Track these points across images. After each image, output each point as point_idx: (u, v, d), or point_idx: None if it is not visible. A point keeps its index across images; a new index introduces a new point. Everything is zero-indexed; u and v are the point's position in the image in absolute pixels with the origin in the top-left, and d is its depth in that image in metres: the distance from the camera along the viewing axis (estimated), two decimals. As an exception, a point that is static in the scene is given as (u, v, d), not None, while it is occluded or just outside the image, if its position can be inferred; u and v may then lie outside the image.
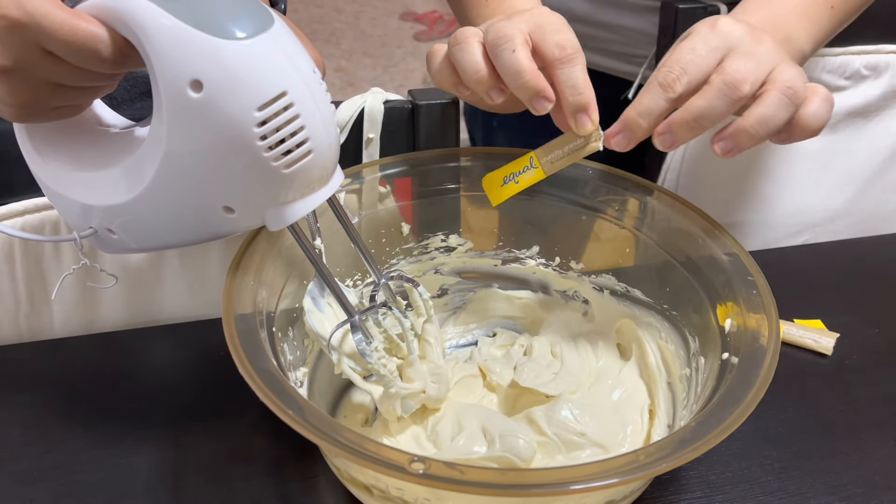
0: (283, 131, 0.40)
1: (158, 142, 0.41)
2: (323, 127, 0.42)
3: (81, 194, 0.47)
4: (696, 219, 0.56)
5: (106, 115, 0.51)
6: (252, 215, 0.44)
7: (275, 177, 0.42)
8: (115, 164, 0.46)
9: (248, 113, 0.39)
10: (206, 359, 0.61)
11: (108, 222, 0.47)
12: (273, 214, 0.44)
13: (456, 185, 0.61)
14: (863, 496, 0.53)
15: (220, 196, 0.43)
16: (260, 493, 0.52)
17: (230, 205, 0.43)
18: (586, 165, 0.61)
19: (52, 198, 0.49)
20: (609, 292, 0.62)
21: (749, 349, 0.46)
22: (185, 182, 0.43)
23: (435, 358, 0.55)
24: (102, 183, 0.46)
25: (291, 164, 0.42)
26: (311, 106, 0.41)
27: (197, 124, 0.40)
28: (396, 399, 0.53)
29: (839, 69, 0.95)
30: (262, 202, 0.44)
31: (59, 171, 0.48)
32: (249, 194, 0.43)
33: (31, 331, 0.68)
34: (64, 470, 0.53)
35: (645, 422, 0.55)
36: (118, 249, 0.50)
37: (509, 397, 0.58)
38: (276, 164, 0.41)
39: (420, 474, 0.37)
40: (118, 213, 0.46)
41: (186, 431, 0.56)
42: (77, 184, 0.47)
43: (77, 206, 0.48)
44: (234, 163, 0.41)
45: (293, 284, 0.53)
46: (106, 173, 0.46)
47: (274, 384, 0.41)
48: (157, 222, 0.46)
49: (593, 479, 0.38)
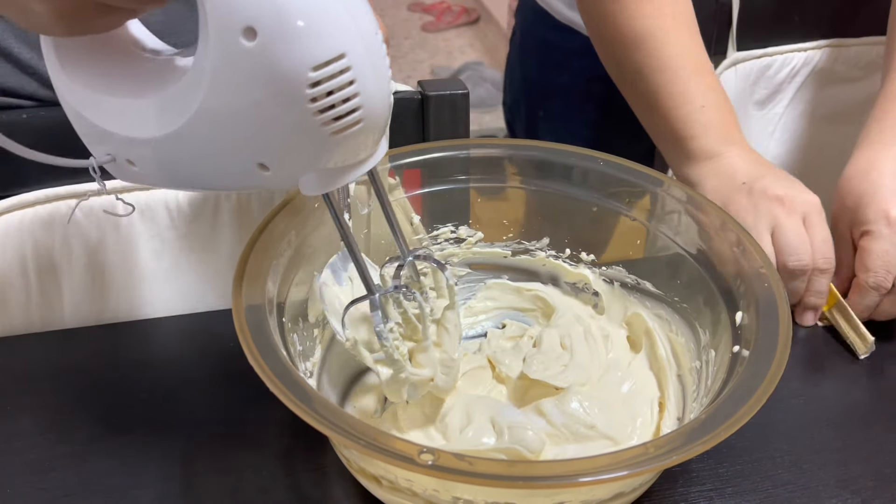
0: (336, 95, 0.37)
1: (199, 85, 0.38)
2: (378, 95, 0.39)
3: (105, 119, 0.44)
4: (706, 211, 0.56)
5: (144, 38, 0.47)
6: (287, 176, 0.41)
7: (320, 141, 0.39)
8: (147, 95, 0.42)
9: (302, 72, 0.36)
10: (217, 349, 0.61)
11: (129, 153, 0.44)
12: (310, 179, 0.42)
13: (466, 177, 0.61)
14: (873, 490, 0.53)
15: (257, 152, 0.40)
16: (269, 484, 0.52)
17: (266, 163, 0.40)
18: (597, 157, 0.60)
19: (72, 116, 0.45)
20: (619, 284, 0.62)
21: (760, 342, 0.46)
22: (221, 133, 0.40)
23: (449, 347, 0.54)
24: (131, 112, 0.43)
25: (339, 130, 0.38)
26: (368, 72, 0.38)
27: (244, 75, 0.37)
28: (404, 384, 0.52)
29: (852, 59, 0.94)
30: (301, 165, 0.41)
31: (84, 91, 0.44)
32: (289, 155, 0.40)
33: (43, 321, 0.68)
34: (75, 459, 0.53)
35: (654, 414, 0.55)
36: (135, 181, 0.46)
37: (518, 389, 0.58)
38: (324, 129, 0.38)
39: (429, 465, 0.37)
40: (142, 147, 0.43)
41: (197, 422, 0.56)
42: (102, 107, 0.44)
43: (98, 131, 0.44)
44: (279, 121, 0.38)
45: (303, 275, 0.53)
46: (136, 102, 0.43)
47: (284, 375, 0.42)
48: (183, 166, 0.43)
49: (602, 472, 0.38)
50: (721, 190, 0.68)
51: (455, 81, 0.74)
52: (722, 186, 0.68)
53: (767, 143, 0.94)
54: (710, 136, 0.70)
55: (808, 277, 0.64)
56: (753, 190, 0.66)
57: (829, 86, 0.94)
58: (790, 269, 0.63)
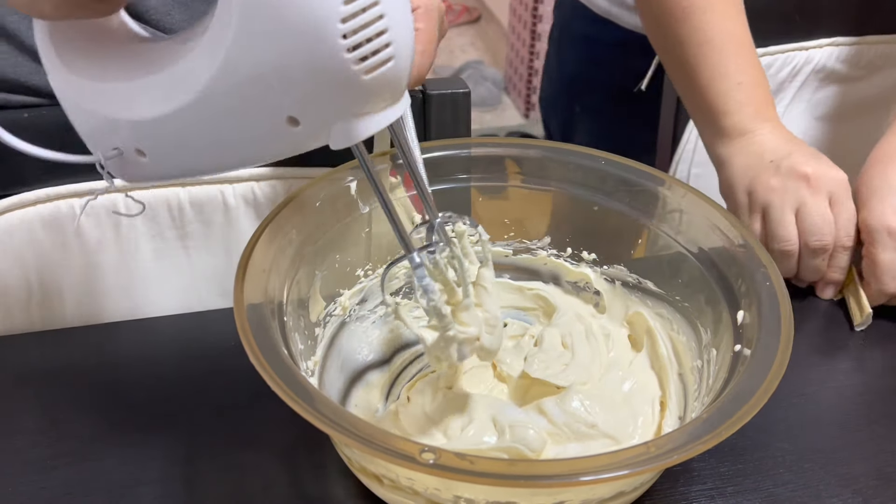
0: (367, 30, 0.36)
1: (221, 40, 0.37)
2: (406, 31, 0.38)
3: (110, 107, 0.42)
4: (708, 209, 0.56)
5: (138, 30, 0.47)
6: (318, 129, 0.40)
7: (352, 83, 0.38)
8: (155, 72, 0.41)
9: (334, 7, 0.36)
10: (218, 348, 0.61)
11: (138, 141, 0.43)
12: (341, 129, 0.40)
13: (467, 176, 0.61)
14: (875, 489, 0.53)
15: (287, 104, 0.39)
16: (270, 482, 0.52)
17: (297, 115, 0.39)
18: (598, 156, 0.60)
19: (73, 112, 0.44)
20: (620, 283, 0.62)
21: (762, 342, 0.46)
22: (248, 88, 0.38)
23: (491, 306, 0.52)
24: (138, 93, 0.42)
25: (372, 69, 0.38)
26: (395, 5, 0.37)
27: (273, 17, 0.36)
28: (453, 343, 0.49)
29: (853, 59, 0.94)
30: (332, 113, 0.40)
31: (84, 81, 0.43)
32: (321, 103, 0.39)
33: (43, 320, 0.69)
34: (76, 458, 0.54)
35: (656, 413, 0.55)
36: (143, 176, 0.45)
37: (519, 388, 0.58)
38: (357, 69, 0.37)
39: (430, 464, 0.37)
40: (154, 129, 0.42)
41: (198, 420, 0.56)
42: (106, 95, 0.43)
43: (102, 122, 0.43)
44: (311, 64, 0.37)
45: (304, 273, 0.53)
46: (143, 82, 0.42)
47: (285, 373, 0.42)
48: (202, 139, 0.42)
49: (604, 471, 0.38)
50: (749, 168, 0.69)
51: (456, 80, 0.74)
52: (750, 164, 0.69)
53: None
54: (744, 112, 0.71)
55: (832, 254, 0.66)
56: (781, 168, 0.66)
57: (830, 85, 0.94)
58: (812, 248, 0.65)
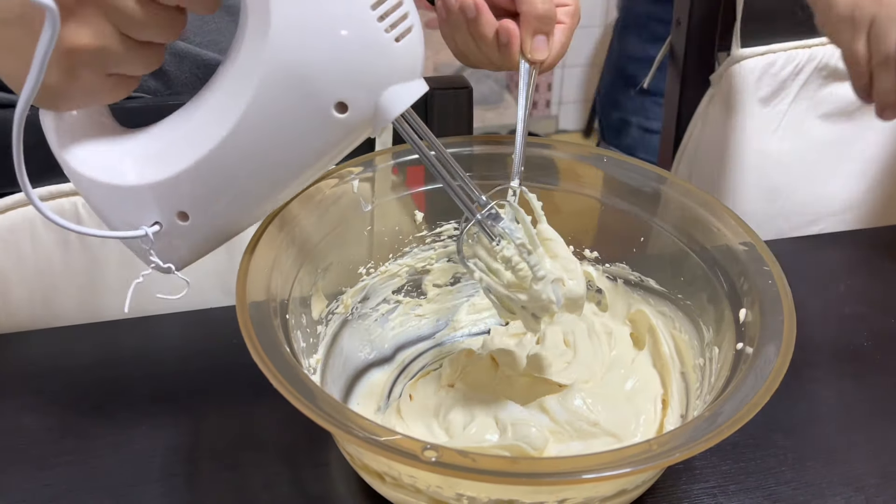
0: (389, 1, 0.41)
1: (257, 53, 0.41)
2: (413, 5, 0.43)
3: (144, 175, 0.45)
4: (710, 207, 0.55)
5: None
6: (364, 109, 0.43)
7: (387, 50, 0.42)
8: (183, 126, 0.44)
9: None
10: (220, 346, 0.61)
11: (180, 202, 0.45)
12: (385, 102, 0.43)
13: (469, 173, 0.61)
14: (877, 487, 0.53)
15: (334, 88, 0.42)
16: (272, 480, 0.52)
17: (344, 98, 0.43)
18: (600, 154, 0.60)
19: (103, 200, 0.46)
20: (623, 281, 0.62)
21: (764, 340, 0.46)
22: (293, 86, 0.42)
23: (564, 253, 0.52)
24: (171, 149, 0.44)
25: (401, 36, 0.42)
26: None
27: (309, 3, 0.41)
28: (547, 284, 0.48)
29: (857, 56, 0.93)
30: (376, 85, 0.43)
31: (107, 161, 0.45)
32: (365, 76, 0.43)
33: (46, 317, 0.69)
34: (79, 455, 0.54)
35: (658, 411, 0.55)
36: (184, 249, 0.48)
37: (522, 386, 0.58)
38: (389, 36, 0.42)
39: (432, 462, 0.37)
40: (195, 178, 0.44)
41: (200, 417, 0.57)
42: (137, 166, 0.45)
43: (135, 198, 0.45)
44: (350, 41, 0.41)
45: (306, 271, 0.53)
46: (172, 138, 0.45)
47: (287, 371, 0.42)
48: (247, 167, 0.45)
49: (606, 469, 0.38)
50: None
51: (458, 78, 0.74)
52: None
53: (770, 140, 0.94)
54: None
55: None
56: None
57: (833, 83, 0.94)
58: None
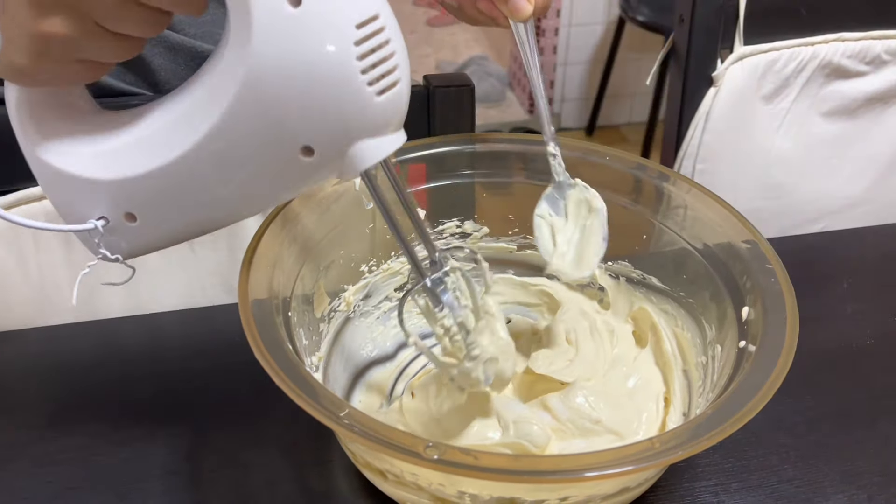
0: (377, 53, 0.38)
1: (232, 75, 0.39)
2: (405, 54, 0.40)
3: (97, 170, 0.42)
4: (713, 205, 0.55)
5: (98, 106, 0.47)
6: (332, 157, 0.41)
7: (366, 104, 0.39)
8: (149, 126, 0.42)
9: (349, 29, 0.37)
10: (223, 343, 0.61)
11: (129, 203, 0.43)
12: (355, 154, 0.41)
13: (471, 171, 0.61)
14: (879, 485, 0.53)
15: (302, 132, 0.40)
16: (275, 477, 0.52)
17: (312, 143, 0.40)
18: (602, 151, 0.60)
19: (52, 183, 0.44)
20: (625, 279, 0.62)
21: (767, 338, 0.46)
22: (262, 119, 0.39)
23: (501, 332, 0.51)
24: (131, 149, 0.42)
25: (384, 90, 0.39)
26: (397, 31, 0.40)
27: (291, 43, 0.37)
28: (479, 364, 0.48)
29: (859, 54, 0.94)
30: (346, 137, 0.40)
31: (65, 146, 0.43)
32: (336, 126, 0.40)
33: (48, 315, 0.69)
34: (81, 453, 0.54)
35: (660, 409, 0.55)
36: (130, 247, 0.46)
37: (524, 384, 0.58)
38: (371, 90, 0.39)
39: (434, 460, 0.37)
40: (148, 185, 0.42)
41: (202, 415, 0.57)
42: (93, 158, 0.43)
43: (86, 189, 0.43)
44: (327, 88, 0.38)
45: (308, 269, 0.53)
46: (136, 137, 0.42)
47: (290, 369, 0.42)
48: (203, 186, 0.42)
49: (608, 467, 0.38)
50: None
51: (460, 76, 0.74)
52: None
53: (774, 138, 0.94)
54: None
55: None
56: None
57: (836, 80, 0.94)
58: None
